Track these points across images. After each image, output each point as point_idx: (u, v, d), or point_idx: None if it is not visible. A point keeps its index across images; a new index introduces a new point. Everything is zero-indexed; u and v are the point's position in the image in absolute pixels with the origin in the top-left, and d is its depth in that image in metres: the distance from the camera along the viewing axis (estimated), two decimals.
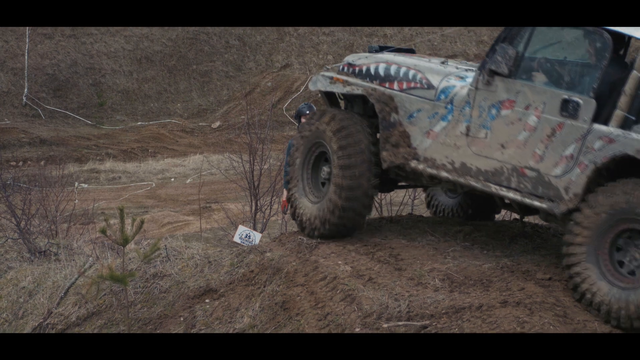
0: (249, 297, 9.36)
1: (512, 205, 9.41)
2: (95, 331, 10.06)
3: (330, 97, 10.50)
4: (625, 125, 8.31)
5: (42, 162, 33.82)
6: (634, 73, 8.35)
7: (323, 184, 10.08)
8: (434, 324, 7.94)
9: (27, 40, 44.31)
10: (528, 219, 11.40)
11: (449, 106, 9.32)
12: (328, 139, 9.82)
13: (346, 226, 9.81)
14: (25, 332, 10.66)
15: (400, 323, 8.08)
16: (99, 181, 33.52)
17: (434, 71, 9.66)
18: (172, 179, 33.41)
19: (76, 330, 10.26)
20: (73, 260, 11.93)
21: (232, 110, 43.78)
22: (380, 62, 10.00)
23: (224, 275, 9.87)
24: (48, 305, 10.85)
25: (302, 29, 47.06)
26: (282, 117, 40.48)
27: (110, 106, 44.49)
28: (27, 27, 44.15)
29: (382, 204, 15.23)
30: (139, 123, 43.27)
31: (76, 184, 27.82)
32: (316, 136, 10.00)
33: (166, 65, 46.36)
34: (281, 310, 8.97)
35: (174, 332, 9.44)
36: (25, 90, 43.15)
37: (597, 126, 8.35)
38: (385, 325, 8.07)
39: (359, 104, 10.24)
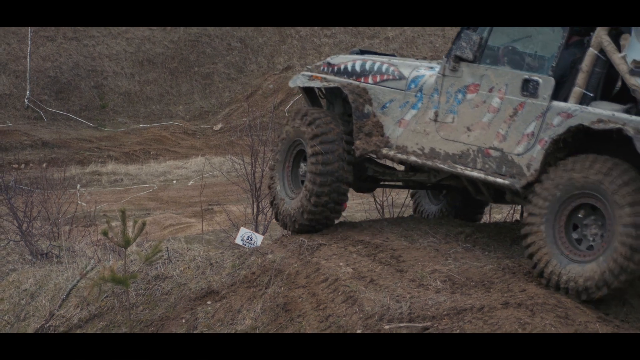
0: (251, 299, 9.36)
1: (480, 188, 9.59)
2: (97, 333, 10.07)
3: (311, 97, 10.95)
4: (583, 101, 8.60)
5: (44, 165, 33.86)
6: (590, 50, 8.63)
7: (302, 182, 10.38)
8: (435, 325, 7.94)
9: (29, 43, 44.34)
10: None
11: (419, 94, 9.75)
12: (305, 136, 10.15)
13: (319, 221, 10.19)
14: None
15: (401, 324, 8.08)
16: (101, 183, 33.54)
17: (406, 64, 10.15)
18: (174, 181, 33.42)
19: (78, 332, 10.26)
20: (75, 262, 11.93)
21: (234, 113, 43.80)
22: (357, 60, 10.47)
23: (226, 277, 9.87)
24: (50, 308, 10.85)
25: (303, 31, 47.09)
26: (284, 119, 40.45)
27: (112, 108, 44.53)
28: (29, 30, 44.19)
29: (384, 205, 15.23)
30: (141, 125, 43.29)
31: (78, 186, 27.83)
32: (295, 135, 10.35)
33: (168, 68, 46.39)
34: (283, 311, 8.97)
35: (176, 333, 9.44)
36: (27, 92, 43.19)
37: (556, 103, 8.67)
38: (386, 327, 8.06)
39: (340, 104, 10.59)
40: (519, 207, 12.63)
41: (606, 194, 8.15)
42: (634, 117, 8.24)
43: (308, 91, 10.93)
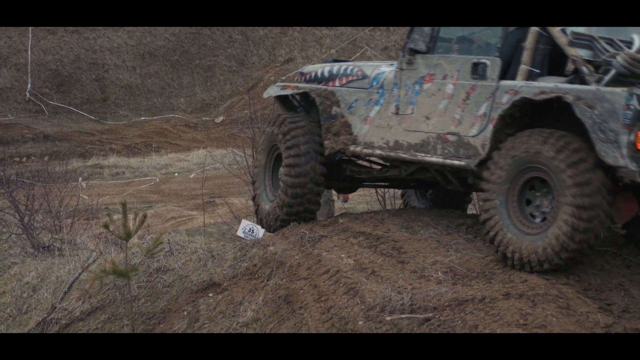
0: (252, 291, 9.36)
1: (449, 178, 9.86)
2: (99, 325, 10.07)
3: (288, 108, 11.31)
4: (530, 78, 8.90)
5: (46, 158, 33.88)
6: (533, 28, 8.97)
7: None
8: (436, 316, 7.94)
9: (30, 36, 44.37)
10: None
11: (381, 90, 10.14)
12: (279, 140, 10.54)
13: (294, 220, 10.48)
14: (29, 327, 10.67)
15: (403, 316, 8.08)
16: (102, 176, 33.58)
17: (369, 64, 10.61)
18: (176, 174, 33.46)
19: (80, 325, 10.27)
20: (77, 255, 11.94)
21: (235, 105, 43.81)
22: (326, 67, 10.96)
23: (227, 269, 9.87)
24: (52, 300, 10.86)
25: None
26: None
27: (114, 101, 44.56)
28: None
29: (385, 197, 15.23)
30: (143, 118, 43.32)
31: (80, 179, 27.85)
32: (272, 140, 10.75)
33: (169, 60, 46.40)
34: (284, 303, 8.97)
35: (178, 326, 9.44)
36: (29, 86, 43.22)
37: (504, 82, 8.96)
38: (388, 318, 8.07)
39: (315, 110, 10.82)
40: None
41: (547, 163, 8.36)
42: (574, 86, 8.47)
43: (284, 102, 11.33)
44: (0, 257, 12.83)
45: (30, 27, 44.16)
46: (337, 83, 10.65)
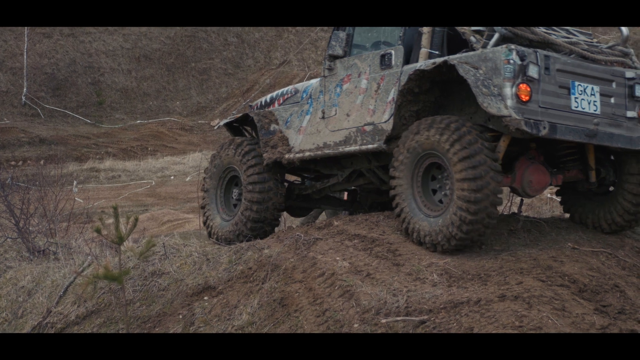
0: (248, 294, 9.35)
1: (381, 177, 10.39)
2: (95, 329, 10.05)
3: (235, 133, 12.19)
4: (431, 59, 9.54)
5: (42, 162, 33.85)
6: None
7: (235, 205, 11.43)
8: (432, 318, 7.93)
9: (25, 40, 44.34)
10: (526, 213, 11.39)
11: (309, 100, 10.93)
12: (238, 162, 11.18)
13: (256, 237, 10.89)
14: (25, 331, 10.65)
15: (398, 318, 8.07)
16: (98, 180, 33.54)
17: (303, 82, 11.51)
18: (172, 177, 33.44)
19: (75, 328, 10.25)
20: (72, 259, 11.92)
21: (231, 108, 43.80)
22: (268, 94, 11.90)
23: (222, 272, 9.87)
24: (47, 304, 10.84)
25: (300, 26, 47.05)
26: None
27: (110, 105, 44.54)
28: (26, 27, 44.15)
29: None
30: (138, 121, 43.31)
31: (75, 183, 27.81)
32: (227, 163, 11.39)
33: (165, 63, 46.38)
34: (280, 306, 8.96)
35: (173, 329, 9.43)
36: (25, 89, 43.20)
37: (406, 66, 9.74)
38: (383, 321, 8.06)
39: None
40: (515, 201, 12.64)
41: (437, 147, 9.00)
42: (462, 54, 9.20)
43: (235, 131, 12.17)
44: None
45: (25, 31, 44.11)
46: (276, 104, 11.49)
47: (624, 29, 9.88)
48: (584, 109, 9.25)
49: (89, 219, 19.03)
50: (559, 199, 10.81)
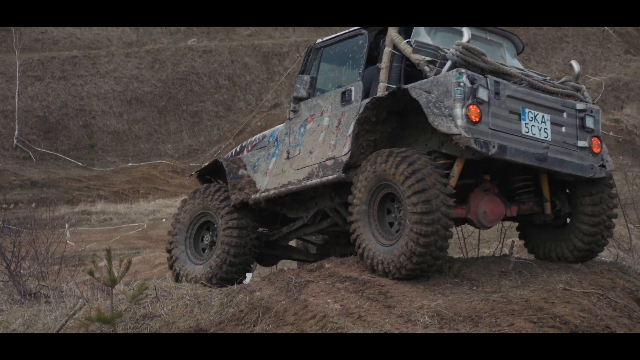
0: None
1: (338, 212, 10.68)
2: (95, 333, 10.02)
3: (205, 182, 12.30)
4: None
5: (34, 204, 33.72)
6: (386, 49, 10.06)
7: (204, 249, 11.68)
8: None
9: (17, 83, 44.36)
10: (518, 255, 11.41)
11: (276, 143, 11.26)
12: (214, 207, 11.44)
13: (228, 280, 11.12)
14: None
15: None
16: (90, 223, 33.46)
17: (272, 128, 11.73)
18: (164, 220, 33.36)
19: None
20: (63, 302, 11.88)
21: (223, 150, 43.77)
22: (239, 144, 12.20)
23: (214, 315, 9.85)
24: None
25: (291, 68, 47.22)
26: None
27: (101, 147, 44.51)
28: (17, 70, 44.24)
29: None
30: (130, 164, 43.29)
31: (67, 225, 27.77)
32: (199, 208, 11.67)
33: (156, 106, 46.44)
34: None
35: None
36: (16, 132, 43.16)
37: (365, 100, 9.98)
38: None
39: None
40: (507, 242, 12.67)
41: (390, 179, 9.31)
42: (416, 82, 9.58)
43: (206, 182, 12.29)
44: None
45: (17, 75, 44.18)
46: (245, 152, 11.84)
47: (576, 66, 10.29)
48: (534, 134, 9.54)
49: (81, 262, 18.98)
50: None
